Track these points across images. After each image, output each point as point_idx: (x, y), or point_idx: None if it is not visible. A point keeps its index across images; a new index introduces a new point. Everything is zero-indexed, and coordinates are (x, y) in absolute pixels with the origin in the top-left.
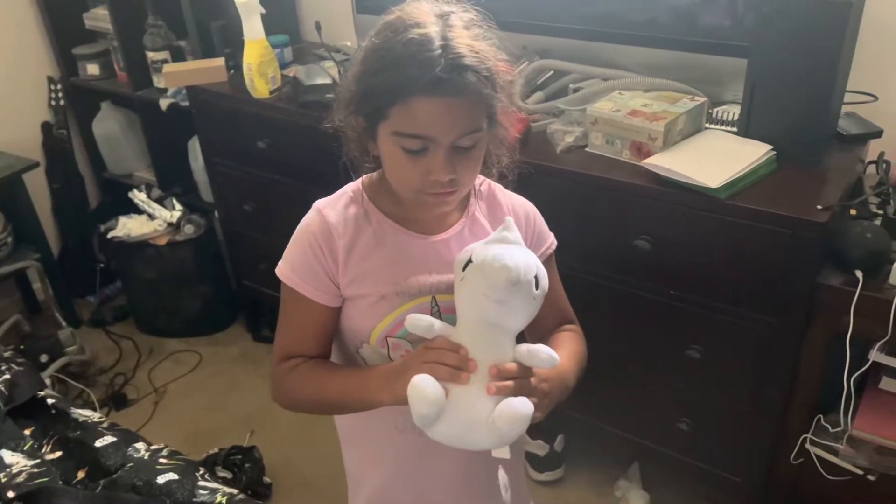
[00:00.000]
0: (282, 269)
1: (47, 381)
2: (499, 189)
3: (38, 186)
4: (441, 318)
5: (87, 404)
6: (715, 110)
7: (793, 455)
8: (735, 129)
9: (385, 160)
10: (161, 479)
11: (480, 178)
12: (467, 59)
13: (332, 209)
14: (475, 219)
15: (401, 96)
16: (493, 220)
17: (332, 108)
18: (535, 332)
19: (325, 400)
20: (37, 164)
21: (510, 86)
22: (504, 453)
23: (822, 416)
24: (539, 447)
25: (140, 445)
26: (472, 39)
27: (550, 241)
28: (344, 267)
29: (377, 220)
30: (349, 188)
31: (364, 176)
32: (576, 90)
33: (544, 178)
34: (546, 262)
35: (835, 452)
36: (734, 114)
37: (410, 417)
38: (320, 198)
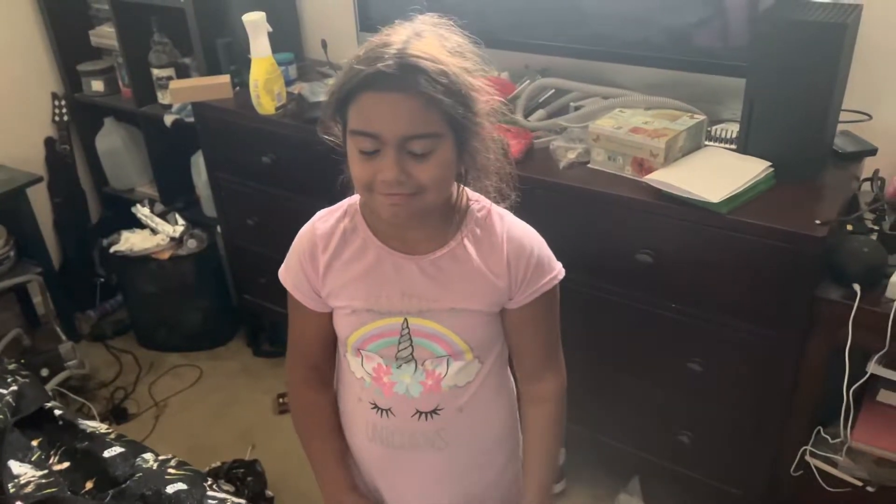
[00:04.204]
0: (281, 272)
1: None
2: (499, 217)
3: (40, 201)
4: (411, 343)
5: (88, 418)
6: (713, 128)
7: (793, 467)
8: (734, 147)
9: (349, 162)
10: (170, 489)
11: (483, 203)
12: (421, 62)
13: (324, 221)
14: (462, 245)
15: (352, 94)
16: (480, 247)
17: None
18: (520, 369)
19: (305, 449)
20: (40, 179)
21: (494, 112)
22: None
23: (821, 428)
24: None
25: (148, 456)
26: (442, 52)
27: (552, 275)
28: (323, 278)
29: (363, 235)
30: (347, 201)
31: None
32: (577, 108)
33: (547, 193)
34: (543, 297)
35: (834, 464)
36: (732, 131)
37: (379, 430)
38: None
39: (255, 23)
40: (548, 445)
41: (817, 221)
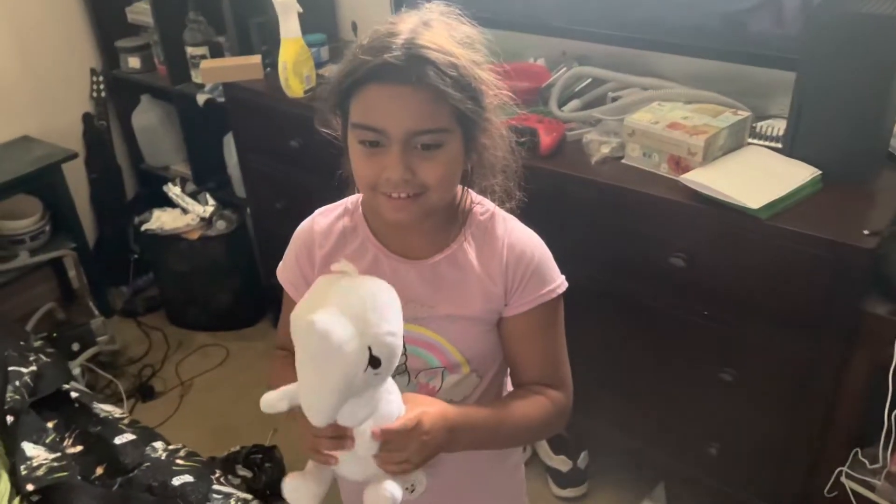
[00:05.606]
0: (279, 269)
1: (77, 370)
2: (502, 221)
3: (76, 176)
4: (405, 351)
5: (115, 395)
6: (759, 124)
7: (827, 488)
8: (779, 146)
9: (350, 159)
10: (176, 481)
11: (486, 206)
12: (430, 53)
13: (324, 217)
14: (463, 249)
15: (356, 86)
16: (481, 252)
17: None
18: (514, 383)
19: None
20: (76, 155)
21: (502, 107)
22: None
23: (859, 450)
24: (562, 463)
25: (158, 445)
26: (451, 43)
27: (552, 286)
28: (318, 276)
29: (363, 235)
30: (349, 199)
31: None
32: (614, 99)
33: (577, 189)
34: (542, 308)
35: (871, 488)
36: (779, 129)
37: None
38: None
39: (285, 3)
40: (512, 409)
41: (865, 232)
